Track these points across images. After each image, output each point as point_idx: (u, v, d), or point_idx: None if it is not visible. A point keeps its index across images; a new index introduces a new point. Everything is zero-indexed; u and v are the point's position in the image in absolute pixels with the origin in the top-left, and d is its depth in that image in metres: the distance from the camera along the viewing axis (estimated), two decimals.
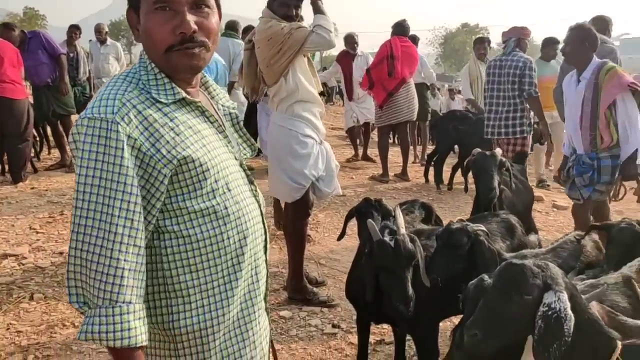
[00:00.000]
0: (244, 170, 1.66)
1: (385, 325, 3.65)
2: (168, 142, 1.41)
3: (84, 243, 1.32)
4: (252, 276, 1.60)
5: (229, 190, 1.53)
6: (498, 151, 4.00)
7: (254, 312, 1.62)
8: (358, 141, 10.13)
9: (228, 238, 1.51)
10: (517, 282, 1.74)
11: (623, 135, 4.30)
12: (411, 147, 9.65)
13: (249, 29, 6.77)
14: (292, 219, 4.33)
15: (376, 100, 8.28)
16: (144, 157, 1.38)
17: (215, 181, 1.49)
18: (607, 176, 4.38)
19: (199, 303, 1.48)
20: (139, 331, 1.34)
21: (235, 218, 1.52)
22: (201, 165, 1.45)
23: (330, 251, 5.36)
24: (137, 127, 1.38)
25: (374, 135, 10.19)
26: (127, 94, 1.41)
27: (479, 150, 4.14)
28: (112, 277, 1.31)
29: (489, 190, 3.80)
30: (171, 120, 1.44)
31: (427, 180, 8.37)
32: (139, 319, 1.36)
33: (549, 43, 8.35)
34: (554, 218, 6.81)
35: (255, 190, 1.68)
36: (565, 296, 1.68)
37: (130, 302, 1.33)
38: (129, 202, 1.34)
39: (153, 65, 1.48)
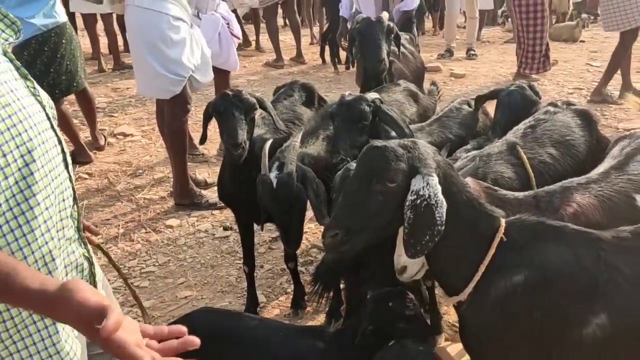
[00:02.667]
0: (11, 61, 1.19)
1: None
2: None
3: None
4: (53, 202, 1.20)
5: None
6: (384, 15, 3.62)
7: (64, 247, 1.24)
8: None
9: (3, 156, 1.08)
10: (379, 167, 1.45)
11: None
12: (308, 28, 9.14)
13: None
14: (169, 118, 3.89)
15: None
16: None
17: None
18: None
19: None
20: None
21: (7, 127, 1.09)
22: None
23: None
24: None
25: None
26: None
27: (363, 16, 3.75)
28: None
29: (378, 61, 3.46)
30: None
31: (323, 61, 7.97)
32: None
33: None
34: (451, 87, 6.71)
35: (34, 88, 1.23)
36: (434, 180, 1.43)
37: None
38: None
39: None
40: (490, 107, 3.07)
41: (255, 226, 2.89)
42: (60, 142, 1.24)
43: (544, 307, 1.54)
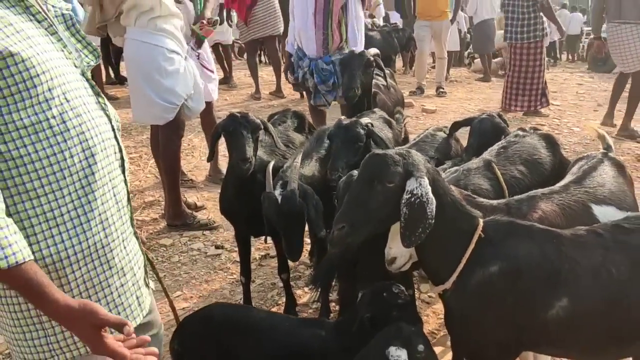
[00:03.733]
0: (87, 80, 1.44)
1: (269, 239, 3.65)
2: None
3: None
4: (109, 199, 1.43)
5: (67, 101, 1.32)
6: (371, 51, 3.94)
7: (118, 238, 1.46)
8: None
9: (71, 157, 1.32)
10: (379, 171, 1.73)
11: (352, 36, 4.51)
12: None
13: None
14: (164, 142, 4.11)
15: (239, 17, 7.85)
16: None
17: (49, 89, 1.28)
18: None
19: (47, 233, 1.31)
20: (21, 245, 1.19)
21: (77, 133, 1.33)
22: (28, 68, 1.23)
23: (210, 173, 5.21)
24: None
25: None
26: None
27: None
28: None
29: (349, 88, 3.74)
30: None
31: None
32: (15, 232, 1.20)
33: None
34: (423, 121, 7.11)
35: (105, 104, 1.48)
36: (426, 181, 1.72)
37: None
38: None
39: None
40: (460, 134, 3.42)
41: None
42: (120, 150, 1.50)
43: (515, 292, 1.82)
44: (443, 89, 8.85)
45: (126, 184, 1.54)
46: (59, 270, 1.34)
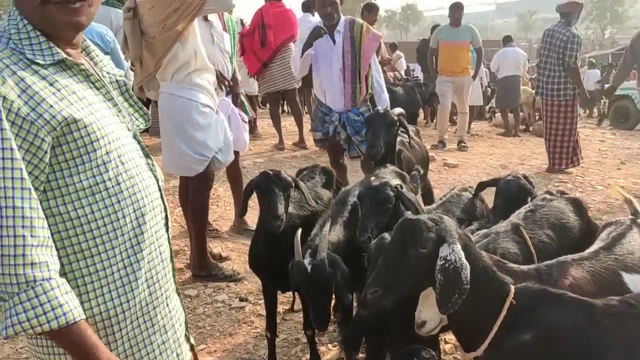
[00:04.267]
0: (139, 143, 1.52)
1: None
2: (51, 105, 1.25)
3: None
4: (155, 257, 1.48)
5: (122, 164, 1.39)
6: (396, 110, 4.05)
7: (162, 295, 1.51)
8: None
9: (123, 217, 1.38)
10: (413, 236, 1.78)
11: (378, 86, 4.78)
12: (308, 115, 9.67)
13: None
14: (193, 194, 4.20)
15: (249, 70, 7.97)
16: (22, 122, 1.21)
17: (107, 153, 1.35)
18: None
19: (98, 292, 1.35)
20: (72, 305, 1.23)
21: (129, 194, 1.40)
22: (89, 134, 1.30)
23: (234, 224, 5.27)
24: (12, 88, 1.21)
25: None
26: None
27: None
28: (21, 257, 1.18)
29: (371, 146, 3.82)
30: (51, 85, 1.28)
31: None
32: (66, 293, 1.24)
33: (454, 7, 8.61)
34: (445, 176, 7.15)
35: (153, 165, 1.56)
36: (458, 247, 1.75)
37: (50, 278, 1.21)
38: (21, 169, 1.19)
39: (25, 22, 1.30)
40: (485, 193, 3.46)
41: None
42: (165, 209, 1.57)
43: None
44: (465, 143, 8.93)
45: (169, 242, 1.60)
46: (107, 328, 1.39)
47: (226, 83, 4.36)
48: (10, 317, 1.18)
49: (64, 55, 1.34)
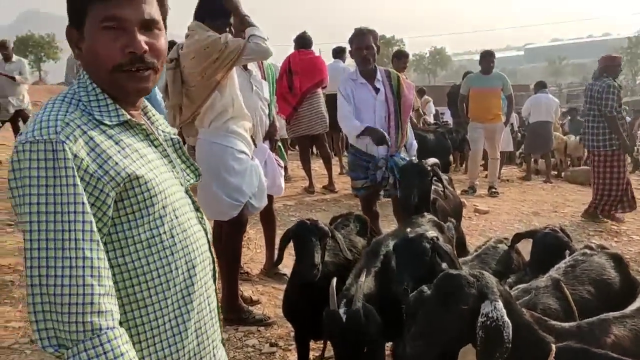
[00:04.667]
0: (190, 197, 1.59)
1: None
2: (117, 163, 1.33)
3: (49, 277, 1.21)
4: (204, 308, 1.52)
5: (176, 218, 1.46)
6: (430, 161, 4.08)
7: (209, 345, 1.54)
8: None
9: (176, 269, 1.43)
10: (454, 293, 1.79)
11: (409, 136, 5.15)
12: (337, 158, 9.77)
13: (170, 44, 6.60)
14: (227, 238, 4.25)
15: (282, 115, 8.13)
16: (90, 179, 1.29)
17: (163, 207, 1.42)
18: None
19: (150, 342, 1.39)
20: (131, 354, 1.27)
21: (182, 247, 1.46)
22: (149, 189, 1.37)
23: (265, 267, 5.30)
24: (83, 147, 1.29)
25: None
26: (69, 114, 1.33)
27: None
28: (89, 305, 1.22)
29: (406, 197, 3.87)
30: (117, 143, 1.36)
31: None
32: (126, 342, 1.28)
33: (486, 56, 8.81)
34: (476, 222, 7.10)
35: (202, 218, 1.62)
36: (500, 304, 1.75)
37: (114, 327, 1.25)
38: (90, 222, 1.26)
39: (94, 85, 1.40)
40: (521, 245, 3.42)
41: None
42: (213, 261, 1.62)
43: None
44: (495, 189, 8.88)
45: (216, 293, 1.64)
46: None
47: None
48: None
49: (128, 117, 1.43)
